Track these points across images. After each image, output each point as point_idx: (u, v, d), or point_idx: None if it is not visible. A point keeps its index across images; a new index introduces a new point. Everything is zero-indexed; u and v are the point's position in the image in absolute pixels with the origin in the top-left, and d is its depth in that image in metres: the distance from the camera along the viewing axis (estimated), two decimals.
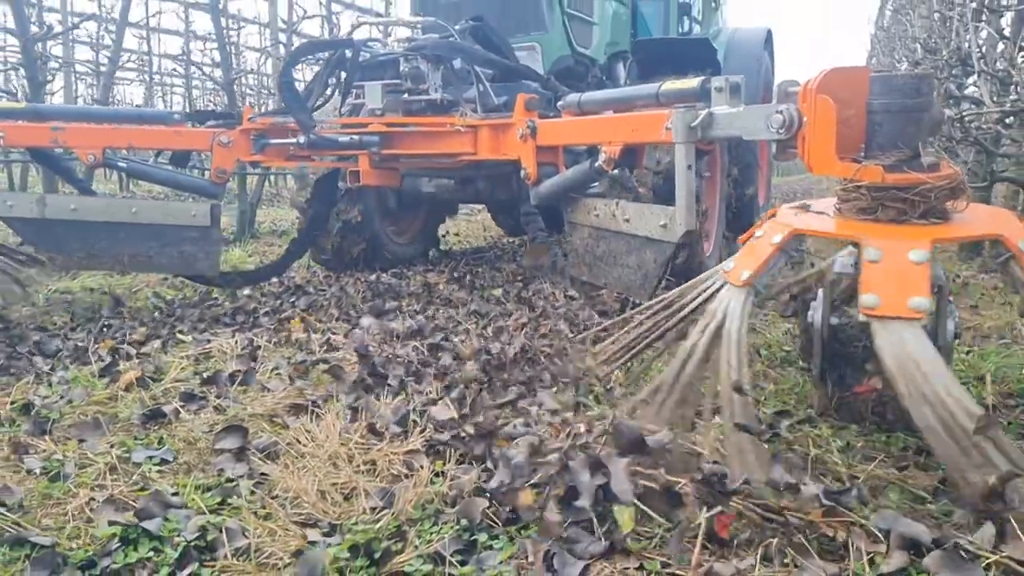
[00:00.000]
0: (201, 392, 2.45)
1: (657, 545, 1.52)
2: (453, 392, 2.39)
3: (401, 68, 3.84)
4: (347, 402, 2.35)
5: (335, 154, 3.98)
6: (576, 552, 1.48)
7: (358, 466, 1.94)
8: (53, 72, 7.60)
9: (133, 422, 2.21)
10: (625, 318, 2.42)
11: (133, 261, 3.65)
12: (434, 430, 2.10)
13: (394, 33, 4.41)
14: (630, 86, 4.77)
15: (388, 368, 2.66)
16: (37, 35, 4.88)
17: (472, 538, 1.59)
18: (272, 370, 2.70)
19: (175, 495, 1.74)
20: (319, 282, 4.60)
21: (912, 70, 5.84)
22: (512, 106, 3.57)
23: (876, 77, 1.96)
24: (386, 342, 3.09)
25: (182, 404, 2.34)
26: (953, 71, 5.64)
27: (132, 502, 1.70)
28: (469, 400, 2.30)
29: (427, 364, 2.72)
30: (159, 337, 3.13)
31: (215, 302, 3.93)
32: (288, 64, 4.05)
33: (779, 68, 7.64)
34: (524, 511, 1.64)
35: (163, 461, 1.95)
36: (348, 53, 3.84)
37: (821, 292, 2.17)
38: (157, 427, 2.19)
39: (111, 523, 1.56)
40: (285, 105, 3.83)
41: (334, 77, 3.87)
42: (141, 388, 2.48)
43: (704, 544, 1.45)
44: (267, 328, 3.30)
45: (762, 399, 2.42)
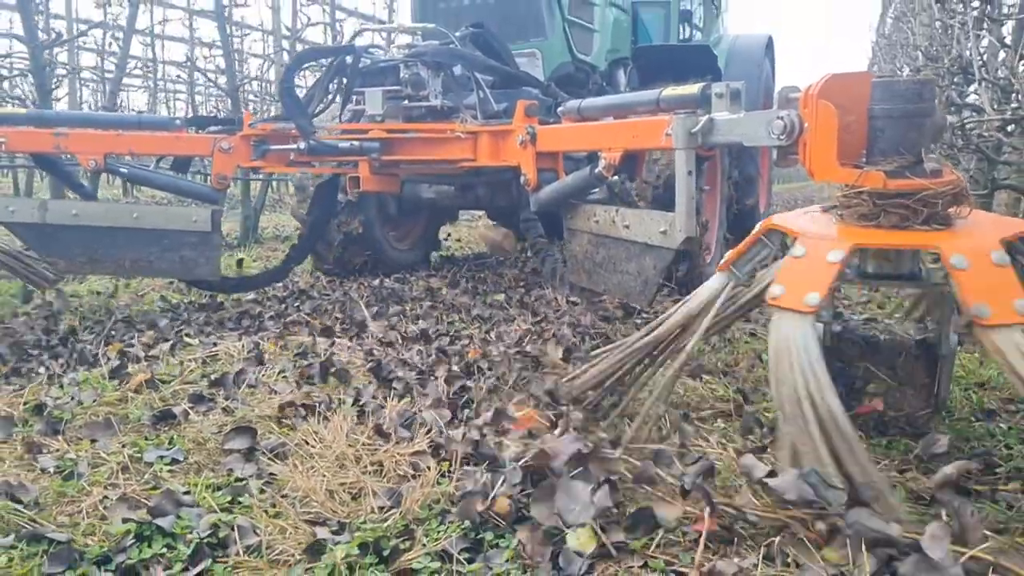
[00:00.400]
0: (209, 394, 2.48)
1: (660, 544, 1.54)
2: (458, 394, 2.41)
3: (401, 74, 3.85)
4: (353, 404, 2.38)
5: (335, 160, 3.99)
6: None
7: (365, 467, 1.96)
8: (60, 78, 7.65)
9: (143, 423, 2.24)
10: None
11: (134, 266, 3.65)
12: (439, 432, 2.12)
13: (397, 40, 4.41)
14: (630, 92, 4.80)
15: (393, 371, 2.68)
16: (46, 42, 4.93)
17: (479, 537, 1.61)
18: (279, 373, 2.73)
19: (186, 494, 1.77)
20: (323, 287, 4.63)
21: (914, 76, 5.87)
22: (512, 112, 3.58)
23: (878, 82, 1.94)
24: (391, 346, 3.12)
25: (191, 405, 2.37)
26: (954, 79, 5.68)
27: (145, 500, 1.72)
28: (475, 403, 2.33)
29: (432, 367, 2.75)
30: (167, 340, 3.16)
31: (220, 306, 3.96)
32: (289, 70, 4.06)
33: (780, 74, 7.67)
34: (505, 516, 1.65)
35: (174, 461, 1.98)
36: (348, 59, 3.85)
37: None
38: (167, 428, 2.22)
39: (125, 520, 1.59)
40: (285, 111, 3.84)
41: (335, 83, 3.89)
42: (150, 390, 2.51)
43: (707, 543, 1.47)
44: (272, 332, 3.32)
45: (764, 403, 2.44)
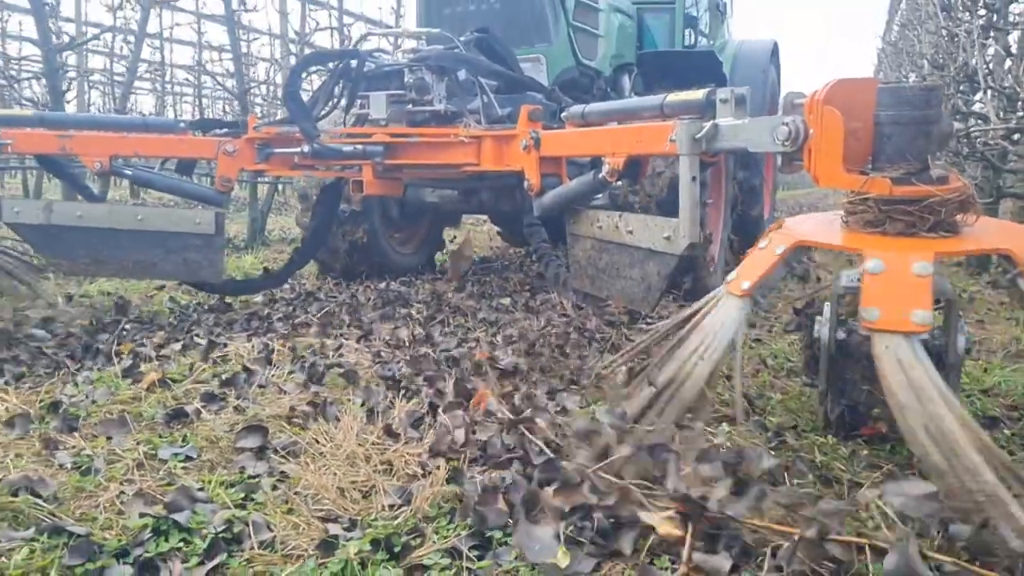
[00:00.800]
0: (221, 393, 2.51)
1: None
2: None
3: (406, 79, 3.85)
4: (362, 404, 2.41)
5: (339, 164, 3.99)
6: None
7: (375, 466, 1.99)
8: (71, 81, 7.72)
9: (157, 421, 2.28)
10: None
11: (138, 267, 3.66)
12: (447, 432, 2.15)
13: (403, 44, 4.44)
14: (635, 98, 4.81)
15: (401, 373, 2.71)
16: (60, 45, 4.98)
17: (488, 535, 1.63)
18: (288, 373, 2.76)
19: (200, 490, 1.80)
20: (330, 289, 4.67)
21: (921, 82, 5.89)
22: (516, 117, 3.57)
23: (884, 88, 1.92)
24: (399, 348, 3.15)
25: (203, 404, 2.40)
26: (960, 87, 5.70)
27: (160, 496, 1.76)
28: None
29: (440, 369, 2.78)
30: (177, 340, 3.19)
31: (229, 307, 4.00)
32: (294, 74, 4.07)
33: (783, 79, 7.67)
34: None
35: (187, 458, 2.02)
36: (353, 63, 3.85)
37: (827, 306, 2.14)
38: (180, 426, 2.26)
39: (142, 515, 1.62)
40: (290, 114, 3.84)
41: (339, 87, 3.89)
42: (163, 388, 2.54)
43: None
44: (281, 333, 3.36)
45: (768, 408, 2.47)
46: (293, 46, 8.55)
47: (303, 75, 4.64)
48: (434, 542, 1.61)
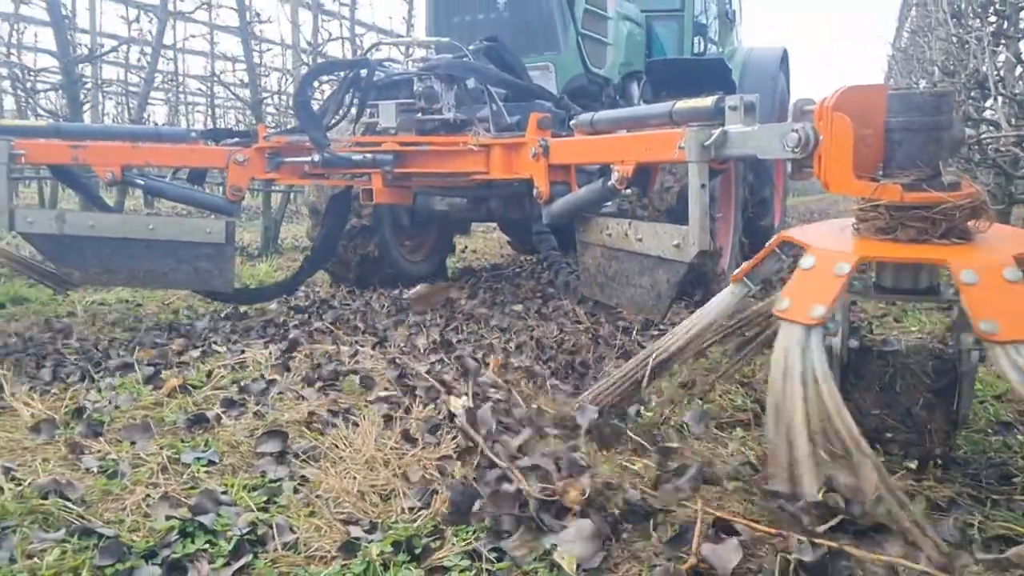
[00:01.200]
0: (240, 399, 2.55)
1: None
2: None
3: (415, 88, 3.87)
4: (379, 410, 2.44)
5: (349, 172, 4.01)
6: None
7: (394, 470, 2.03)
8: (89, 92, 7.83)
9: (179, 426, 2.32)
10: None
11: (149, 276, 3.68)
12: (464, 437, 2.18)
13: (415, 53, 4.48)
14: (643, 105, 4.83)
15: (417, 379, 2.75)
16: (79, 57, 5.06)
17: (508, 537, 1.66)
18: (305, 379, 2.80)
19: (224, 493, 1.83)
20: (344, 297, 4.71)
21: (932, 87, 5.90)
22: (525, 125, 3.58)
23: (895, 95, 1.91)
24: (414, 354, 3.18)
25: (223, 410, 2.44)
26: (971, 94, 5.70)
27: (185, 499, 1.79)
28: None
29: (455, 376, 2.81)
30: (196, 347, 3.24)
31: (245, 315, 4.05)
32: (304, 83, 4.11)
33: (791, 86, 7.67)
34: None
35: (210, 462, 2.05)
36: (363, 73, 3.88)
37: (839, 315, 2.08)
38: (201, 431, 2.29)
39: (168, 517, 1.66)
40: (300, 124, 3.87)
41: (349, 96, 3.91)
42: (183, 394, 2.59)
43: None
44: (297, 340, 3.39)
45: None
46: (305, 56, 8.64)
47: (314, 84, 4.68)
48: (453, 544, 1.64)
